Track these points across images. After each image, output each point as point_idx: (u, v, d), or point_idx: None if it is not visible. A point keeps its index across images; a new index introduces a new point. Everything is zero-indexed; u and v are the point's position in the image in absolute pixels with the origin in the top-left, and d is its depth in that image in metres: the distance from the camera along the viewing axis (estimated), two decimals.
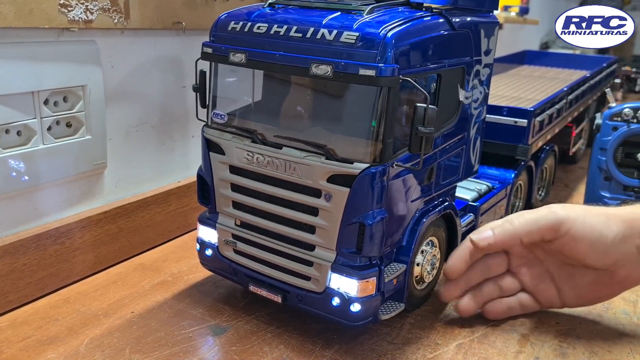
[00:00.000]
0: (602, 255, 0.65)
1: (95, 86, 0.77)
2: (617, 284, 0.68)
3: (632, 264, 0.66)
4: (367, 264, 0.61)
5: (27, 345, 0.63)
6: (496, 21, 0.74)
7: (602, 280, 0.67)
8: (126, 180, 0.87)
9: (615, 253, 0.65)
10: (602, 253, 0.65)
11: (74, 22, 0.71)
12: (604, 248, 0.64)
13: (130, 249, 0.85)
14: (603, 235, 0.64)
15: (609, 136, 1.00)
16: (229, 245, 0.68)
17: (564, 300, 0.70)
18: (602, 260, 0.65)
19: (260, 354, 0.62)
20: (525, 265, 0.70)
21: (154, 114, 0.89)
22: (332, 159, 0.58)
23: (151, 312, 0.70)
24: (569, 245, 0.65)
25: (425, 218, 0.65)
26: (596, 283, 0.67)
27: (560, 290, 0.70)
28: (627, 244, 0.65)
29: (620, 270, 0.66)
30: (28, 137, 0.71)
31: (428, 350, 0.64)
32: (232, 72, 0.67)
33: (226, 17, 0.65)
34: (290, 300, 0.64)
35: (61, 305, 0.71)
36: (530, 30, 2.93)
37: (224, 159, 0.66)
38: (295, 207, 0.62)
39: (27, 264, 0.71)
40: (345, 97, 0.62)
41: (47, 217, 0.76)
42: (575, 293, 0.69)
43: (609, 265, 0.66)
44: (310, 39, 0.57)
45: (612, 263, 0.65)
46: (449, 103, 0.67)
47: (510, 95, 1.15)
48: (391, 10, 0.61)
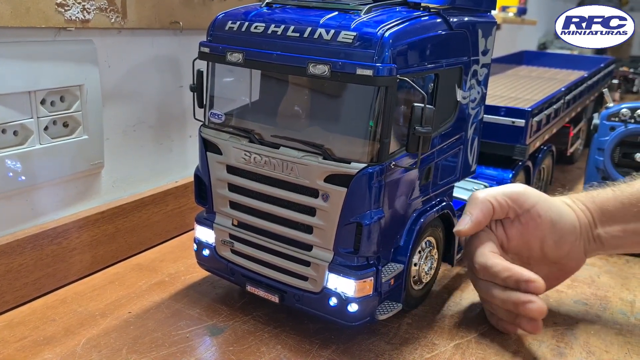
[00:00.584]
0: (559, 239, 0.68)
1: (92, 86, 0.77)
2: (565, 274, 0.72)
3: (578, 255, 0.69)
4: (364, 264, 0.60)
5: (24, 346, 0.63)
6: (494, 21, 0.74)
7: (553, 274, 0.70)
8: (123, 180, 0.87)
9: (569, 242, 0.68)
10: (559, 237, 0.67)
11: (70, 22, 0.71)
12: (561, 232, 0.67)
13: (128, 249, 0.85)
14: (562, 217, 0.67)
15: (607, 136, 1.00)
16: (226, 245, 0.68)
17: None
18: (559, 247, 0.68)
19: (257, 354, 0.62)
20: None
21: (151, 114, 0.89)
22: (330, 159, 0.58)
23: (148, 312, 0.70)
24: (533, 222, 0.67)
25: (422, 218, 0.65)
26: (549, 277, 0.69)
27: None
28: (576, 234, 0.68)
29: (570, 263, 0.70)
30: (25, 137, 0.71)
31: (425, 351, 0.64)
32: (229, 71, 0.67)
33: (223, 16, 0.65)
34: (288, 300, 0.64)
35: (58, 306, 0.71)
36: (528, 31, 2.94)
37: (221, 158, 0.66)
38: (293, 207, 0.62)
39: (24, 264, 0.71)
40: (342, 97, 0.62)
41: (44, 217, 0.76)
42: None
43: (562, 257, 0.69)
44: (307, 39, 0.57)
45: (565, 254, 0.68)
46: (446, 103, 0.67)
47: (508, 96, 1.15)
48: (389, 10, 0.60)
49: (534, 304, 0.61)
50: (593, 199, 0.70)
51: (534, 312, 0.61)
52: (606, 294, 0.79)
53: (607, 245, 0.69)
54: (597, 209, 0.69)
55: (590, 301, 0.77)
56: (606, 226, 0.69)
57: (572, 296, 0.78)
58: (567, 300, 0.77)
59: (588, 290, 0.80)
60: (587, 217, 0.69)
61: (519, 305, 0.62)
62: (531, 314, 0.62)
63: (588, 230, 0.69)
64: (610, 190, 0.70)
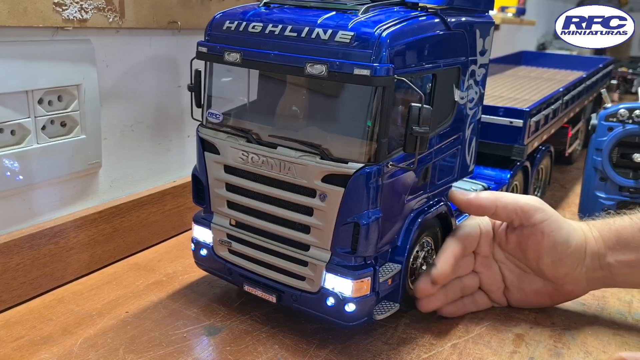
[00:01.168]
0: (557, 260, 0.68)
1: (90, 85, 0.77)
2: (561, 296, 0.72)
3: (578, 281, 0.69)
4: (361, 264, 0.60)
5: (21, 345, 0.63)
6: (492, 21, 0.74)
7: (547, 291, 0.71)
8: (121, 179, 0.87)
9: (568, 266, 0.68)
10: (558, 259, 0.67)
11: (68, 21, 0.71)
12: (562, 255, 0.67)
13: (125, 249, 0.85)
14: (568, 241, 0.67)
15: (605, 137, 1.00)
16: (223, 245, 0.68)
17: (509, 300, 0.74)
18: (555, 268, 0.68)
19: (254, 354, 0.62)
20: (484, 265, 0.72)
21: (149, 114, 0.89)
22: (327, 159, 0.58)
23: (145, 312, 0.70)
24: (534, 238, 0.67)
25: (420, 218, 0.65)
26: (541, 292, 0.71)
27: (509, 291, 0.73)
28: (579, 260, 0.68)
29: (567, 285, 0.70)
30: (22, 137, 0.71)
31: (423, 351, 0.64)
32: (227, 71, 0.67)
33: (221, 16, 0.65)
34: (285, 300, 0.64)
35: (55, 305, 0.71)
36: (527, 31, 2.94)
37: (219, 158, 0.65)
38: (290, 206, 0.61)
39: (21, 263, 0.71)
40: (340, 97, 0.62)
41: (41, 216, 0.76)
42: (521, 297, 0.73)
43: (558, 278, 0.69)
44: (305, 39, 0.57)
45: (562, 276, 0.69)
46: (444, 103, 0.67)
47: (507, 96, 1.15)
48: (386, 10, 0.60)
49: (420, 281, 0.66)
50: (609, 226, 0.69)
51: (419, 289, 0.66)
52: (604, 295, 0.79)
53: (615, 274, 0.68)
54: (612, 236, 0.68)
55: (588, 301, 0.77)
56: (619, 254, 0.68)
57: None
58: None
59: None
60: (597, 245, 0.68)
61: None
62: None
63: (595, 259, 0.68)
64: (628, 218, 0.69)
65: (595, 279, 0.69)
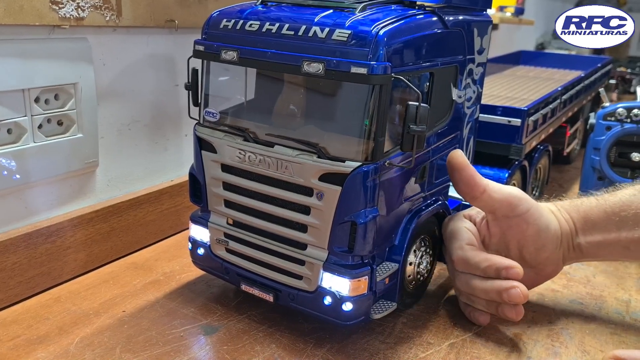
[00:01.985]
0: (540, 247, 0.68)
1: (86, 84, 0.76)
2: (542, 277, 0.72)
3: (557, 262, 0.70)
4: (359, 263, 0.60)
5: (17, 345, 0.62)
6: (489, 20, 0.74)
7: (529, 277, 0.70)
8: (118, 178, 0.87)
9: (549, 250, 0.68)
10: (541, 245, 0.68)
11: (65, 20, 0.71)
12: (545, 241, 0.68)
13: (122, 248, 0.85)
14: (548, 226, 0.68)
15: (603, 136, 1.00)
16: (221, 244, 0.68)
17: None
18: (538, 254, 0.69)
19: (251, 353, 0.62)
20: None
21: (146, 112, 0.89)
22: (324, 158, 0.57)
23: (142, 311, 0.70)
24: (519, 228, 0.68)
25: (418, 217, 0.65)
26: (523, 279, 0.69)
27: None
28: (557, 243, 0.69)
29: (546, 268, 0.71)
30: (18, 135, 0.70)
31: (420, 350, 0.64)
32: (224, 70, 0.67)
33: (218, 14, 0.65)
34: (282, 299, 0.64)
35: (52, 305, 0.71)
36: (525, 31, 2.94)
37: (216, 157, 0.65)
38: (287, 205, 0.61)
39: (18, 262, 0.71)
40: (337, 96, 0.62)
41: (38, 215, 0.75)
42: None
43: (539, 263, 0.70)
44: (302, 37, 0.57)
45: (543, 260, 0.69)
46: (441, 102, 0.67)
47: (505, 95, 1.15)
48: (384, 8, 0.60)
49: (516, 289, 0.63)
50: (577, 207, 0.70)
51: (517, 297, 0.63)
52: (602, 294, 0.79)
53: (586, 253, 0.70)
54: (580, 218, 0.70)
55: (586, 301, 0.77)
56: (587, 235, 0.69)
57: (567, 296, 0.78)
58: (563, 300, 0.77)
59: (584, 289, 0.80)
60: (569, 226, 0.70)
61: (502, 292, 0.64)
62: (514, 299, 0.64)
63: (569, 239, 0.70)
64: (594, 199, 0.71)
65: (569, 258, 0.71)
